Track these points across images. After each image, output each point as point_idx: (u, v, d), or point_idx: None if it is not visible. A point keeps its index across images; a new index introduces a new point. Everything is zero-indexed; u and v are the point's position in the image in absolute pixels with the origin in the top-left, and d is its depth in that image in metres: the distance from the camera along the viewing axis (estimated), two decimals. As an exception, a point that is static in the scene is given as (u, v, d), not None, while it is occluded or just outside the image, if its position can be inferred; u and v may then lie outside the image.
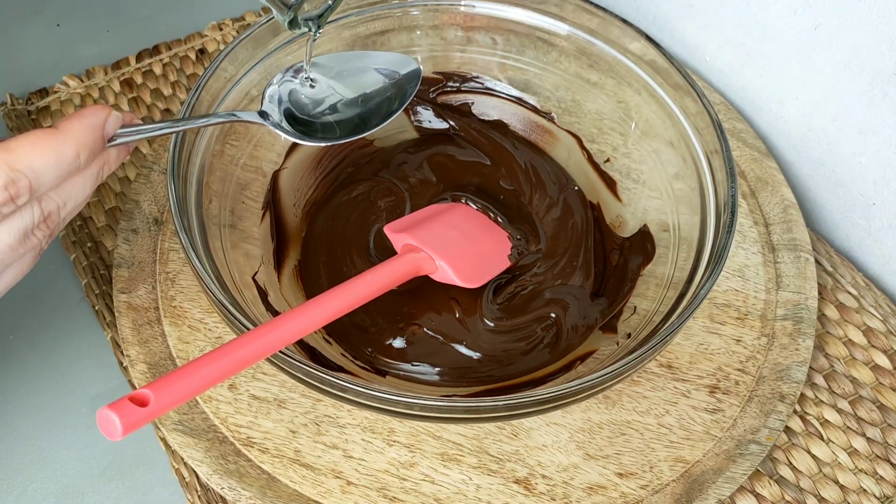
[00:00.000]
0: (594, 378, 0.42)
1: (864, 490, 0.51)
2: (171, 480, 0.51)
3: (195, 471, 0.49)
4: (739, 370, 0.53)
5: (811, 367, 0.55)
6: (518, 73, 0.60)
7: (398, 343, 0.52)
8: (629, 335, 0.50)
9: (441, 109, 0.61)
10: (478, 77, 0.61)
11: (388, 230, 0.53)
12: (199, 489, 0.50)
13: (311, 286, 0.54)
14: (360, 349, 0.52)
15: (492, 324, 0.53)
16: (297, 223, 0.57)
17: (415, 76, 0.52)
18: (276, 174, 0.56)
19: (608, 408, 0.51)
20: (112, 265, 0.55)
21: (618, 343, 0.50)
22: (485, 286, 0.53)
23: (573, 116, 0.59)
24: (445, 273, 0.51)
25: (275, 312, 0.50)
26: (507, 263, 0.55)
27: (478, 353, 0.52)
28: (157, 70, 0.68)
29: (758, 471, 0.51)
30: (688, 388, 0.52)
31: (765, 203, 0.60)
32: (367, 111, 0.50)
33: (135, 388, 0.49)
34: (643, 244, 0.55)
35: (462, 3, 0.58)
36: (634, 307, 0.52)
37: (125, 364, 0.53)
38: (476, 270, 0.53)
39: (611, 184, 0.58)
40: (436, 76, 0.60)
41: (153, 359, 0.51)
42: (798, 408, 0.54)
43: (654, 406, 0.51)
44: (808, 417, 0.54)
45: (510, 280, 0.55)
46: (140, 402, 0.35)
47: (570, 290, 0.54)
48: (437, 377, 0.51)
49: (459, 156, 0.60)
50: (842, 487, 0.51)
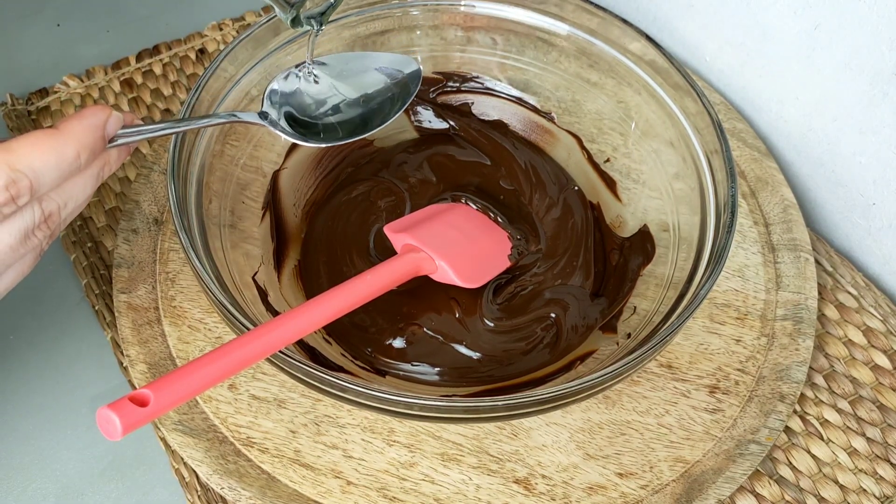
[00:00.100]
0: (594, 378, 0.42)
1: (864, 490, 0.51)
2: (171, 480, 0.51)
3: (195, 471, 0.49)
4: (739, 370, 0.53)
5: (811, 367, 0.55)
6: (518, 73, 0.60)
7: (398, 343, 0.52)
8: (629, 335, 0.50)
9: (441, 109, 0.61)
10: (478, 77, 0.61)
11: (388, 230, 0.53)
12: (199, 489, 0.50)
13: (311, 286, 0.54)
14: (360, 349, 0.52)
15: (492, 324, 0.53)
16: (297, 223, 0.57)
17: (415, 77, 0.52)
18: (276, 174, 0.56)
19: (608, 408, 0.51)
20: (112, 265, 0.55)
21: (618, 343, 0.50)
22: (485, 286, 0.53)
23: (573, 116, 0.59)
24: (445, 273, 0.51)
25: (275, 312, 0.50)
26: (507, 263, 0.55)
27: (478, 353, 0.52)
28: (157, 70, 0.68)
29: (758, 471, 0.51)
30: (688, 388, 0.52)
31: (765, 203, 0.60)
32: (368, 112, 0.50)
33: (135, 388, 0.49)
34: (643, 244, 0.55)
35: (462, 3, 0.58)
36: (634, 307, 0.52)
37: (125, 364, 0.53)
38: (476, 270, 0.53)
39: (611, 184, 0.58)
40: (436, 76, 0.60)
41: (153, 359, 0.51)
42: (798, 408, 0.54)
43: (654, 406, 0.51)
44: (808, 417, 0.54)
45: (510, 280, 0.55)
46: (140, 402, 0.35)
47: (570, 290, 0.54)
48: (437, 377, 0.51)
49: (459, 156, 0.60)
50: (842, 487, 0.51)
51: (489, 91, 0.61)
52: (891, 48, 0.53)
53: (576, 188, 0.59)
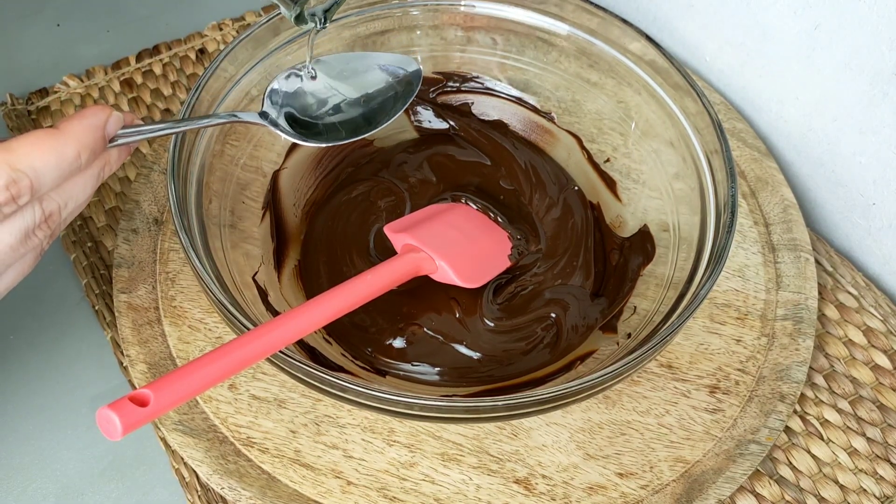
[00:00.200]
0: (594, 378, 0.42)
1: (864, 490, 0.51)
2: (171, 480, 0.51)
3: (195, 471, 0.49)
4: (739, 370, 0.53)
5: (811, 367, 0.55)
6: (518, 73, 0.60)
7: (398, 343, 0.52)
8: (629, 335, 0.50)
9: (441, 109, 0.61)
10: (478, 77, 0.61)
11: (388, 230, 0.53)
12: (199, 489, 0.50)
13: (311, 286, 0.54)
14: (360, 349, 0.52)
15: (492, 324, 0.53)
16: (297, 223, 0.57)
17: (415, 76, 0.52)
18: (276, 174, 0.56)
19: (608, 408, 0.51)
20: (112, 265, 0.55)
21: (618, 343, 0.50)
22: (485, 286, 0.53)
23: (573, 116, 0.59)
24: (445, 273, 0.51)
25: (275, 312, 0.50)
26: (507, 263, 0.55)
27: (478, 353, 0.52)
28: (157, 70, 0.68)
29: (758, 471, 0.51)
30: (688, 388, 0.52)
31: (765, 203, 0.60)
32: (368, 112, 0.50)
33: (135, 388, 0.49)
34: (643, 244, 0.55)
35: (462, 3, 0.58)
36: (634, 307, 0.52)
37: (125, 364, 0.53)
38: (476, 270, 0.53)
39: (611, 184, 0.58)
40: (436, 76, 0.60)
41: (153, 359, 0.51)
42: (798, 408, 0.54)
43: (654, 406, 0.51)
44: (808, 417, 0.54)
45: (510, 280, 0.55)
46: (140, 402, 0.35)
47: (570, 290, 0.54)
48: (437, 377, 0.51)
49: (459, 156, 0.60)
50: (842, 487, 0.51)
51: (489, 91, 0.61)
52: (891, 48, 0.53)
53: (576, 188, 0.59)
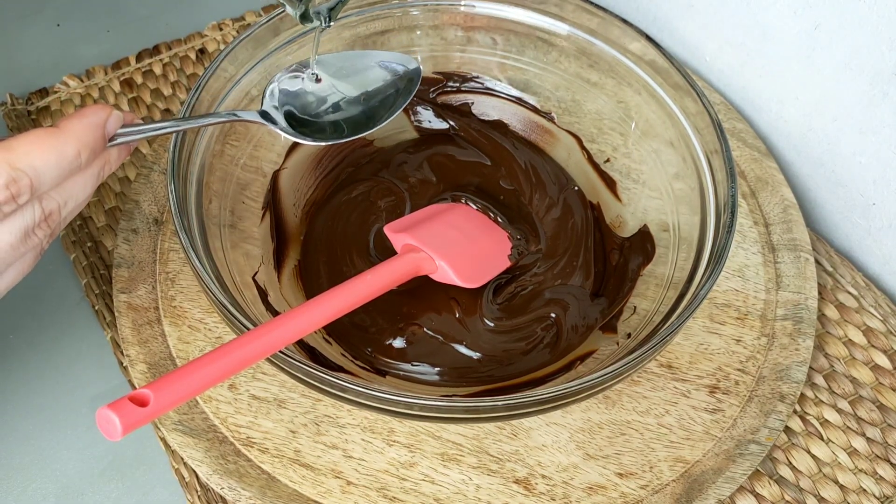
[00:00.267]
0: (594, 378, 0.42)
1: (864, 490, 0.51)
2: (171, 480, 0.51)
3: (195, 471, 0.49)
4: (739, 370, 0.53)
5: (811, 367, 0.55)
6: (518, 73, 0.60)
7: (398, 343, 0.52)
8: (629, 335, 0.50)
9: (441, 109, 0.61)
10: (478, 77, 0.61)
11: (388, 230, 0.53)
12: (199, 489, 0.50)
13: (311, 286, 0.54)
14: (360, 349, 0.52)
15: (492, 324, 0.53)
16: (297, 223, 0.57)
17: (415, 74, 0.52)
18: (276, 174, 0.56)
19: (608, 408, 0.51)
20: (112, 265, 0.55)
21: (618, 343, 0.50)
22: (485, 286, 0.53)
23: (573, 116, 0.59)
24: (445, 273, 0.51)
25: (275, 312, 0.50)
26: (507, 263, 0.55)
27: (478, 353, 0.52)
28: (157, 70, 0.68)
29: (758, 471, 0.51)
30: (688, 388, 0.52)
31: (765, 203, 0.60)
32: (367, 111, 0.50)
33: (135, 388, 0.49)
34: (643, 244, 0.55)
35: (462, 3, 0.58)
36: (634, 307, 0.52)
37: (125, 364, 0.53)
38: (476, 270, 0.53)
39: (611, 184, 0.58)
40: (436, 76, 0.60)
41: (153, 359, 0.51)
42: (798, 408, 0.54)
43: (654, 406, 0.51)
44: (808, 417, 0.54)
45: (510, 280, 0.55)
46: (140, 402, 0.35)
47: (570, 290, 0.54)
48: (437, 377, 0.51)
49: (459, 156, 0.60)
50: (842, 487, 0.51)
51: (489, 91, 0.61)
52: (891, 48, 0.53)
53: (576, 188, 0.59)
